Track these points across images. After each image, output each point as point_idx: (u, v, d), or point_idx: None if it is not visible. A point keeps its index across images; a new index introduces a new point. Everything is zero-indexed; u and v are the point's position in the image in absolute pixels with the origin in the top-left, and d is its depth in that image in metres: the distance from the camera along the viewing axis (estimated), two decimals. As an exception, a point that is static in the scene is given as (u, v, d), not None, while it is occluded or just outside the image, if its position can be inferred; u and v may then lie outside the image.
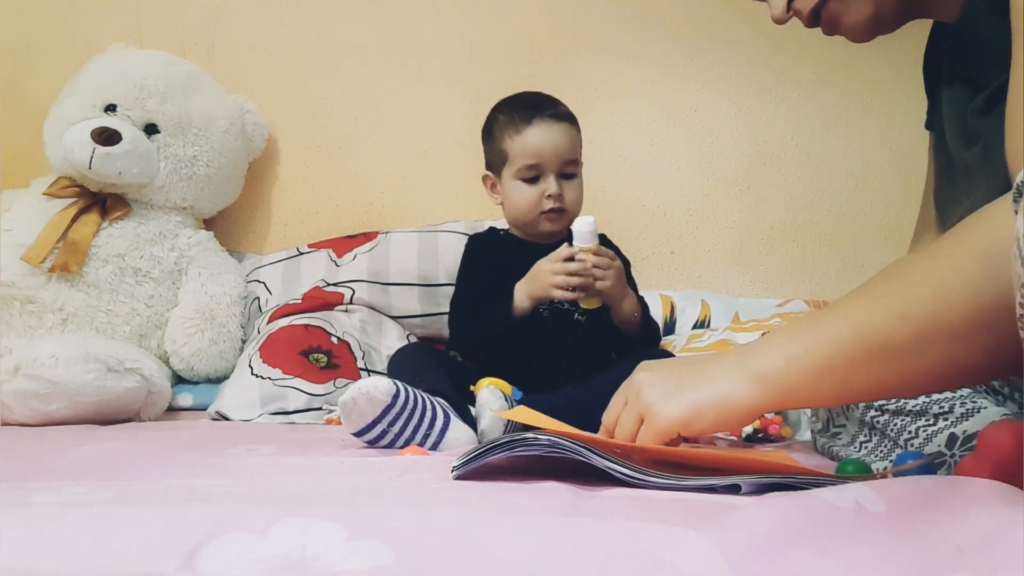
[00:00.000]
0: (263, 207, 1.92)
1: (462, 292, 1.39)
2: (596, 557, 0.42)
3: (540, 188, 1.30)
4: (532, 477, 0.66)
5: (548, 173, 1.29)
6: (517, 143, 1.29)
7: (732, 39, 1.84)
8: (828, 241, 1.85)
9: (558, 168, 1.29)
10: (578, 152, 1.33)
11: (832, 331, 0.67)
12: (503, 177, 1.33)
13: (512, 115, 1.31)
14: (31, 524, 0.43)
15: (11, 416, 1.23)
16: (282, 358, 1.48)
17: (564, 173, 1.30)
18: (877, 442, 0.96)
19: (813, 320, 0.69)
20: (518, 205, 1.32)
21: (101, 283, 1.54)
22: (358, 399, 0.93)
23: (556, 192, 1.29)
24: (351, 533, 0.43)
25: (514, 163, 1.30)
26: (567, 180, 1.31)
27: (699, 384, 0.71)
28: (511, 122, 1.31)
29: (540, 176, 1.30)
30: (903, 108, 1.81)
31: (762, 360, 0.69)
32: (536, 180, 1.30)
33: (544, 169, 1.29)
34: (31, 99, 1.82)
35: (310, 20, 1.92)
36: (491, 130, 1.35)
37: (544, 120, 1.29)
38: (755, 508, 0.49)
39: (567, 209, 1.31)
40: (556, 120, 1.30)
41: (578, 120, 1.34)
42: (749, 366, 0.69)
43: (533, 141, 1.29)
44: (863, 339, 0.65)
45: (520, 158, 1.29)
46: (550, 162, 1.29)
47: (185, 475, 0.70)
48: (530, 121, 1.29)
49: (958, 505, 0.51)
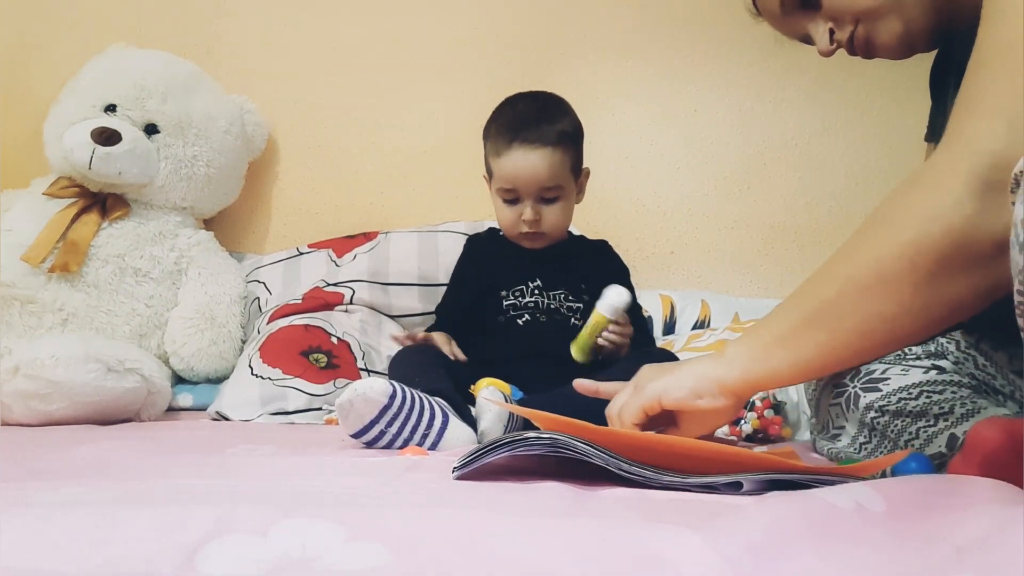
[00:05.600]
0: (263, 207, 1.92)
1: (450, 292, 1.40)
2: (596, 557, 0.42)
3: (518, 211, 1.27)
4: (532, 477, 0.66)
5: (525, 199, 1.26)
6: (498, 165, 1.27)
7: (733, 40, 1.84)
8: (828, 241, 1.85)
9: (536, 194, 1.26)
10: (561, 177, 1.26)
11: (781, 309, 0.78)
12: (491, 187, 1.32)
13: (498, 132, 1.28)
14: (31, 524, 0.43)
15: (11, 416, 1.23)
16: (282, 358, 1.48)
17: (544, 197, 1.27)
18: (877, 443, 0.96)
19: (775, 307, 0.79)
20: (500, 221, 1.32)
21: (101, 283, 1.54)
22: (355, 400, 0.93)
23: (531, 218, 1.26)
24: (351, 533, 0.43)
25: (496, 181, 1.28)
26: (547, 203, 1.27)
27: (685, 365, 0.82)
28: (495, 140, 1.27)
29: (518, 199, 1.27)
30: (902, 109, 1.81)
31: (732, 345, 0.80)
32: (515, 202, 1.27)
33: (521, 194, 1.26)
34: (31, 99, 1.82)
35: (310, 20, 1.92)
36: (485, 138, 1.33)
37: (523, 146, 1.24)
38: (755, 508, 0.49)
39: (545, 232, 1.29)
40: (537, 146, 1.24)
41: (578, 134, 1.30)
42: (724, 351, 0.80)
43: (510, 167, 1.25)
44: (801, 310, 0.75)
45: (499, 180, 1.27)
46: (526, 189, 1.25)
47: (185, 475, 0.70)
48: (509, 145, 1.24)
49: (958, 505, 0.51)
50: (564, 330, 1.27)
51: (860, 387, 0.98)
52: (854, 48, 0.94)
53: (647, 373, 0.83)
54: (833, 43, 0.94)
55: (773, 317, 0.78)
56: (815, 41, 0.95)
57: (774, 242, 1.86)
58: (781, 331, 0.76)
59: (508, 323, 1.29)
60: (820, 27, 0.94)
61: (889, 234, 0.70)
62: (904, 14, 0.88)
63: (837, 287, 0.73)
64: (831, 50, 0.95)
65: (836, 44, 0.94)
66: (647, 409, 0.79)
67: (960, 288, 0.68)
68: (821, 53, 0.96)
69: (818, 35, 0.94)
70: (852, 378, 1.00)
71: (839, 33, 0.93)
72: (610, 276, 1.32)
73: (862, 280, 0.71)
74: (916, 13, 0.88)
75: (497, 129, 1.28)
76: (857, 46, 0.93)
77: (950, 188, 0.67)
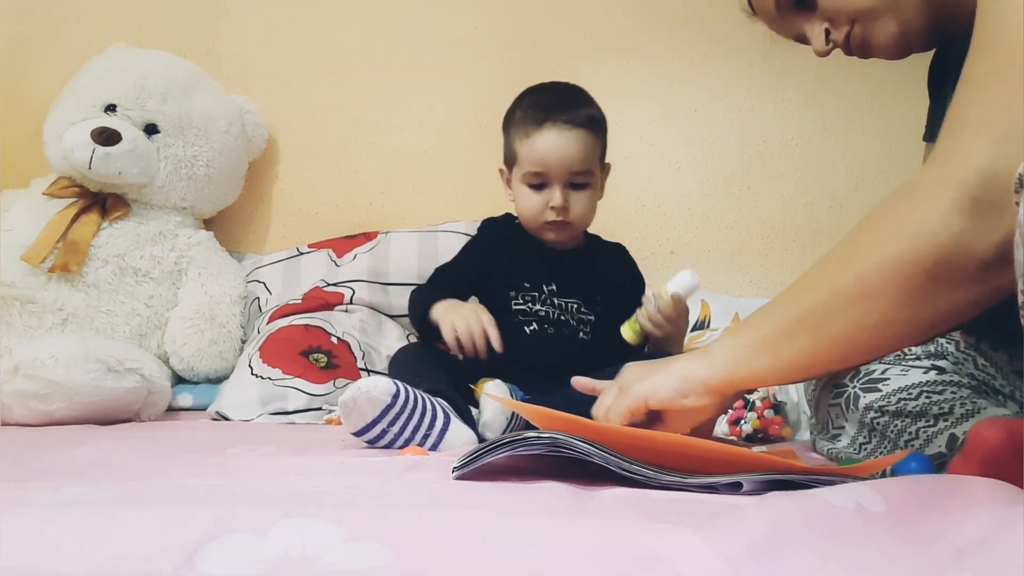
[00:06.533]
0: (263, 207, 1.92)
1: (452, 263, 1.33)
2: (596, 557, 0.42)
3: (545, 197, 1.22)
4: (532, 477, 0.66)
5: (554, 183, 1.21)
6: (526, 147, 1.21)
7: (733, 40, 1.84)
8: (828, 242, 1.83)
9: (565, 178, 1.21)
10: (592, 162, 1.23)
11: (767, 311, 0.79)
12: (513, 176, 1.26)
13: (527, 114, 1.23)
14: (31, 524, 0.43)
15: (11, 416, 1.23)
16: (282, 358, 1.48)
17: (573, 183, 1.22)
18: (877, 443, 0.96)
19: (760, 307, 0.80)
20: (523, 210, 1.26)
21: (101, 283, 1.54)
22: (358, 399, 0.93)
23: (560, 204, 1.21)
24: (351, 533, 0.43)
25: (522, 166, 1.23)
26: (576, 190, 1.23)
27: (670, 364, 0.83)
28: (524, 122, 1.22)
29: (546, 184, 1.22)
30: (902, 109, 1.81)
31: (717, 344, 0.80)
32: (542, 187, 1.22)
33: (550, 178, 1.21)
34: (31, 99, 1.82)
35: (310, 20, 1.92)
36: (508, 124, 1.27)
37: (556, 126, 1.20)
38: (755, 508, 0.49)
39: (572, 222, 1.23)
40: (570, 127, 1.20)
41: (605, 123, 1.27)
42: (708, 349, 0.80)
43: (540, 148, 1.20)
44: (786, 314, 0.76)
45: (527, 163, 1.21)
46: (557, 172, 1.20)
47: (185, 475, 0.70)
48: (541, 125, 1.20)
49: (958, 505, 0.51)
50: (571, 344, 1.23)
51: (860, 387, 0.98)
52: (850, 48, 0.94)
53: (632, 372, 0.83)
54: (829, 43, 0.94)
55: (757, 319, 0.79)
56: (811, 41, 0.95)
57: (774, 242, 1.86)
58: (764, 334, 0.77)
59: (514, 329, 1.22)
60: (816, 27, 0.94)
61: (876, 247, 0.71)
62: (900, 14, 0.88)
63: (822, 296, 0.74)
64: (827, 50, 0.95)
65: (832, 44, 0.94)
66: (634, 410, 0.80)
67: (942, 303, 0.69)
68: (817, 53, 0.96)
69: (814, 35, 0.94)
70: (852, 378, 1.00)
71: (835, 33, 0.93)
72: (626, 288, 1.30)
73: (846, 291, 0.72)
74: (912, 13, 0.88)
75: (524, 112, 1.23)
76: (853, 46, 0.93)
77: (938, 205, 0.67)
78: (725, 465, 0.68)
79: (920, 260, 0.67)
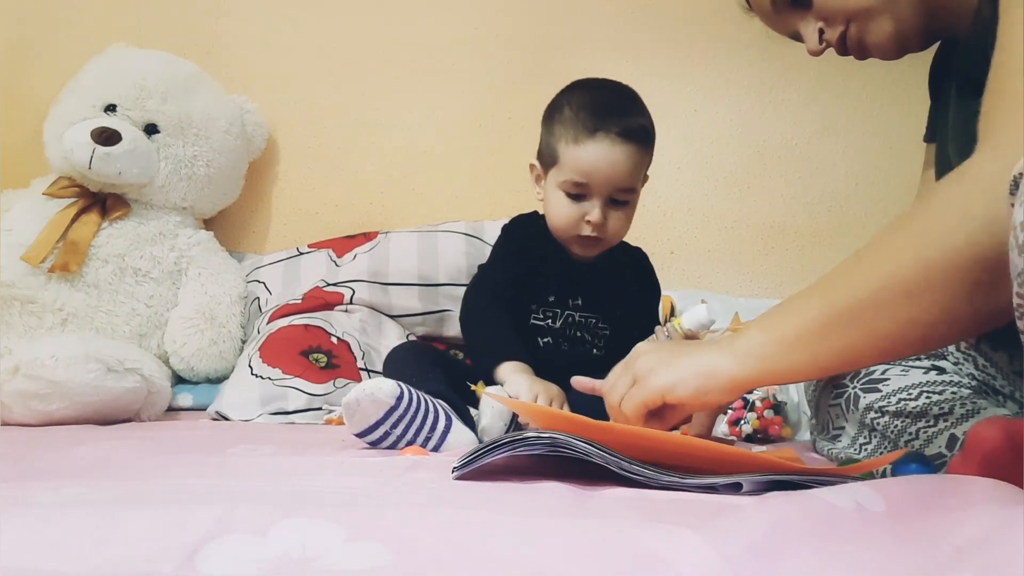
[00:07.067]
0: (263, 207, 1.92)
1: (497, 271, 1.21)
2: (596, 557, 0.42)
3: (582, 209, 1.13)
4: (532, 477, 0.66)
5: (595, 197, 1.12)
6: (571, 153, 1.12)
7: (733, 40, 1.85)
8: (828, 241, 1.85)
9: (607, 194, 1.13)
10: (637, 179, 1.15)
11: (803, 304, 0.73)
12: (549, 177, 1.16)
13: (578, 116, 1.12)
14: (31, 524, 0.43)
15: (11, 416, 1.22)
16: (282, 358, 1.48)
17: (614, 199, 1.14)
18: (877, 444, 0.96)
19: (790, 299, 0.75)
20: (555, 218, 1.16)
21: (101, 283, 1.54)
22: (362, 400, 0.92)
23: (598, 221, 1.12)
24: (351, 533, 0.43)
25: (563, 171, 1.13)
26: (616, 207, 1.14)
27: (688, 356, 0.78)
28: (573, 124, 1.12)
29: (586, 196, 1.13)
30: (902, 110, 1.81)
31: (742, 338, 0.75)
32: (581, 198, 1.13)
33: (592, 191, 1.12)
34: (31, 99, 1.82)
35: (310, 20, 1.92)
36: (552, 119, 1.16)
37: (608, 137, 1.10)
38: (755, 508, 0.49)
39: (606, 239, 1.16)
40: (622, 140, 1.11)
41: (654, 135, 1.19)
42: (732, 344, 0.76)
43: (588, 159, 1.10)
44: (828, 307, 0.70)
45: (569, 170, 1.12)
46: (600, 187, 1.12)
47: (185, 475, 0.70)
48: (593, 134, 1.10)
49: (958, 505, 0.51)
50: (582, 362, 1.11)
51: (860, 388, 0.98)
52: (846, 48, 0.94)
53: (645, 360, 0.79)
54: (822, 43, 0.94)
55: (790, 313, 0.74)
56: (804, 40, 0.95)
57: (774, 242, 1.86)
58: (801, 329, 0.72)
59: (527, 341, 1.19)
60: (810, 26, 0.94)
61: (939, 235, 0.65)
62: (896, 14, 0.88)
63: (875, 287, 0.68)
64: (820, 50, 0.95)
65: (825, 44, 0.94)
66: (649, 405, 0.78)
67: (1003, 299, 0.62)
68: (810, 52, 0.95)
69: (807, 34, 0.94)
70: (852, 379, 1.00)
71: (829, 33, 0.93)
72: (643, 299, 1.27)
73: (906, 283, 0.66)
74: (908, 13, 0.88)
75: (575, 113, 1.13)
76: (850, 46, 0.93)
77: (1003, 194, 0.62)
78: (725, 465, 0.68)
79: (990, 250, 0.62)
